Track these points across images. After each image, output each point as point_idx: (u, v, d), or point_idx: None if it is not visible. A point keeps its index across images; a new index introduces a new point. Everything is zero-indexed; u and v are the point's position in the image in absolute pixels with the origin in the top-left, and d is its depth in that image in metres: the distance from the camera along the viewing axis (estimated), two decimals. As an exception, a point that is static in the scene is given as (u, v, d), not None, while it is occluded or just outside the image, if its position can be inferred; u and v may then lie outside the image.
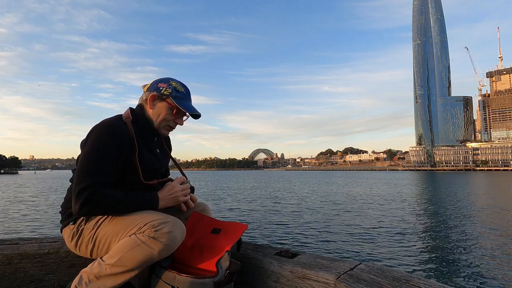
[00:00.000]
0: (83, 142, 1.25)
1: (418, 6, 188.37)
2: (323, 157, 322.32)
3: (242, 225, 1.33)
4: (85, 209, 1.15)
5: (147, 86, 1.39)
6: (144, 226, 1.13)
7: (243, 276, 1.31)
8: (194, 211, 1.45)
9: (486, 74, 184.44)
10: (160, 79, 1.39)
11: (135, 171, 1.28)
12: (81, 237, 1.22)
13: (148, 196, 1.26)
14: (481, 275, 6.26)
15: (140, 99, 1.41)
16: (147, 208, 1.24)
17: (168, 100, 1.35)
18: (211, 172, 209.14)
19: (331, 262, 1.19)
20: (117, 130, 1.25)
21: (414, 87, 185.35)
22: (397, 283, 0.97)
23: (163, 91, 1.34)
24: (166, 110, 1.36)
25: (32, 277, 1.39)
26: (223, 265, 1.16)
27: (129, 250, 1.11)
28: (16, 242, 1.51)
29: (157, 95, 1.35)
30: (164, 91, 1.34)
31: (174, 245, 1.15)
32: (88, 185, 1.14)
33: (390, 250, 7.93)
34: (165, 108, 1.35)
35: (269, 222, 11.87)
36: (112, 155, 1.21)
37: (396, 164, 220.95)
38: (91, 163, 1.18)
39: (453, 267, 6.83)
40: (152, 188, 1.34)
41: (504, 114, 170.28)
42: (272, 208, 16.35)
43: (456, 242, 9.01)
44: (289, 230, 10.46)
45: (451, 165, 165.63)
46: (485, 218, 12.89)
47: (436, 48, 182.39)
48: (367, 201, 19.11)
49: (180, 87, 1.38)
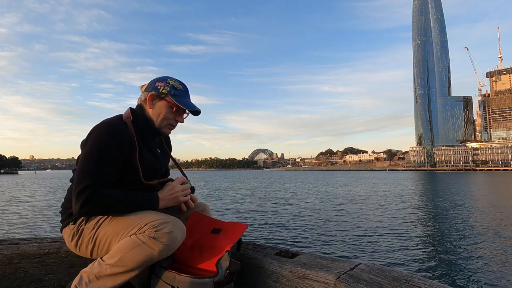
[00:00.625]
0: (84, 142, 1.26)
1: (418, 6, 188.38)
2: (323, 157, 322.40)
3: (242, 225, 1.33)
4: (85, 209, 1.15)
5: (144, 86, 1.39)
6: (145, 226, 1.13)
7: (243, 276, 1.31)
8: (194, 211, 1.45)
9: (486, 74, 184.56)
10: (157, 78, 1.39)
11: (136, 171, 1.28)
12: (81, 237, 1.22)
13: (148, 196, 1.26)
14: (481, 275, 6.26)
15: (138, 99, 1.41)
16: (147, 208, 1.24)
17: (167, 98, 1.35)
18: (211, 172, 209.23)
19: (331, 262, 1.19)
20: (117, 130, 1.25)
21: (414, 87, 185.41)
22: (397, 283, 0.96)
23: (161, 90, 1.34)
24: (166, 109, 1.36)
25: (32, 277, 1.39)
26: (223, 265, 1.16)
27: (129, 250, 1.11)
28: (16, 242, 1.51)
29: (155, 94, 1.35)
30: (162, 89, 1.34)
31: (175, 245, 1.15)
32: (88, 185, 1.14)
33: (390, 250, 7.93)
34: (165, 106, 1.35)
35: (269, 222, 11.87)
36: (113, 155, 1.21)
37: (396, 164, 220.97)
38: (91, 163, 1.18)
39: (453, 267, 6.83)
40: (153, 188, 1.34)
41: (504, 114, 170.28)
42: (272, 208, 16.36)
43: (456, 242, 9.02)
44: (289, 230, 10.46)
45: (451, 165, 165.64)
46: (485, 218, 12.89)
47: (436, 48, 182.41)
48: (367, 201, 19.12)
49: (178, 85, 1.38)
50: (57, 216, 12.92)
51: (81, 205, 1.14)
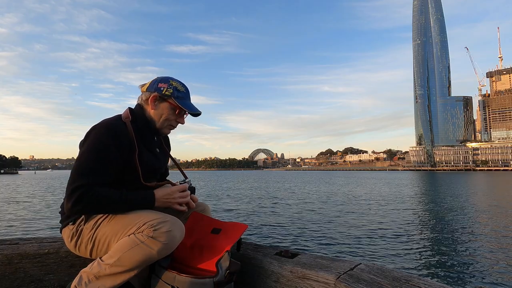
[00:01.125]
0: (82, 142, 1.25)
1: (418, 6, 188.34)
2: (323, 157, 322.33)
3: (242, 225, 1.33)
4: (77, 208, 1.14)
5: (146, 86, 1.38)
6: (143, 226, 1.13)
7: (243, 276, 1.31)
8: (194, 211, 1.45)
9: (486, 74, 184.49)
10: (159, 78, 1.38)
11: (135, 171, 1.28)
12: (81, 237, 1.22)
13: (144, 194, 1.26)
14: (481, 275, 6.26)
15: (139, 99, 1.40)
16: (143, 206, 1.23)
17: (170, 100, 1.35)
18: (211, 172, 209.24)
19: (331, 262, 1.19)
20: (116, 130, 1.25)
21: (414, 87, 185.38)
22: (397, 283, 0.96)
23: (164, 92, 1.34)
24: (168, 110, 1.36)
25: (32, 277, 1.39)
26: (223, 265, 1.16)
27: (128, 250, 1.11)
28: (16, 242, 1.51)
29: (158, 95, 1.35)
30: (166, 91, 1.34)
31: (173, 244, 1.14)
32: (80, 185, 1.14)
33: (390, 250, 7.92)
34: (168, 108, 1.36)
35: (269, 222, 11.87)
36: (112, 155, 1.21)
37: (396, 164, 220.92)
38: (87, 163, 1.18)
39: (453, 267, 6.83)
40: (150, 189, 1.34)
41: (504, 114, 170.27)
42: (272, 208, 16.35)
43: (456, 242, 9.01)
44: (289, 230, 10.45)
45: (451, 165, 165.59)
46: (486, 219, 12.89)
47: (436, 48, 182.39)
48: (367, 201, 19.11)
49: (181, 87, 1.38)
50: (57, 216, 12.92)
51: (73, 204, 1.13)
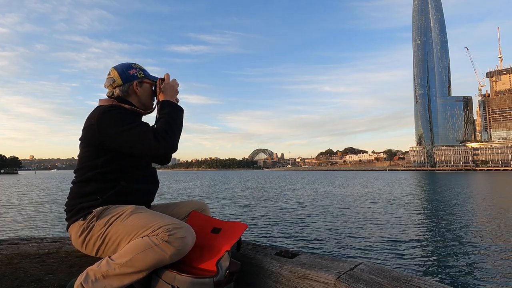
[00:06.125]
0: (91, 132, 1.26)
1: (418, 6, 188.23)
2: (323, 157, 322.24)
3: (242, 225, 1.33)
4: (172, 142, 1.28)
5: (116, 82, 1.39)
6: (158, 229, 1.13)
7: (243, 276, 1.31)
8: (194, 210, 1.45)
9: (486, 74, 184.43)
10: (121, 67, 1.42)
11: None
12: (91, 233, 1.21)
13: (173, 106, 1.39)
14: (481, 275, 6.26)
15: (113, 93, 1.40)
16: (180, 108, 1.42)
17: (146, 80, 1.45)
18: (211, 172, 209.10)
19: (331, 262, 1.19)
20: (124, 108, 1.33)
21: (414, 87, 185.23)
22: (397, 283, 0.96)
23: (139, 75, 1.43)
24: (150, 89, 1.47)
25: (32, 277, 1.39)
26: (223, 265, 1.16)
27: (141, 252, 1.11)
28: (16, 242, 1.51)
29: (137, 82, 1.42)
30: (139, 74, 1.43)
31: (185, 250, 1.15)
32: (150, 138, 1.23)
33: (390, 250, 7.92)
34: (149, 88, 1.47)
35: (269, 222, 11.86)
36: (139, 122, 1.32)
37: (396, 164, 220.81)
38: (131, 129, 1.25)
39: (453, 267, 6.83)
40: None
41: (504, 114, 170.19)
42: (272, 208, 16.35)
43: (456, 243, 9.01)
44: (289, 230, 10.45)
45: (451, 165, 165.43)
46: (486, 219, 12.89)
47: (436, 48, 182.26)
48: (367, 201, 19.11)
49: (139, 64, 1.48)
50: (57, 217, 12.94)
51: (166, 147, 1.25)
